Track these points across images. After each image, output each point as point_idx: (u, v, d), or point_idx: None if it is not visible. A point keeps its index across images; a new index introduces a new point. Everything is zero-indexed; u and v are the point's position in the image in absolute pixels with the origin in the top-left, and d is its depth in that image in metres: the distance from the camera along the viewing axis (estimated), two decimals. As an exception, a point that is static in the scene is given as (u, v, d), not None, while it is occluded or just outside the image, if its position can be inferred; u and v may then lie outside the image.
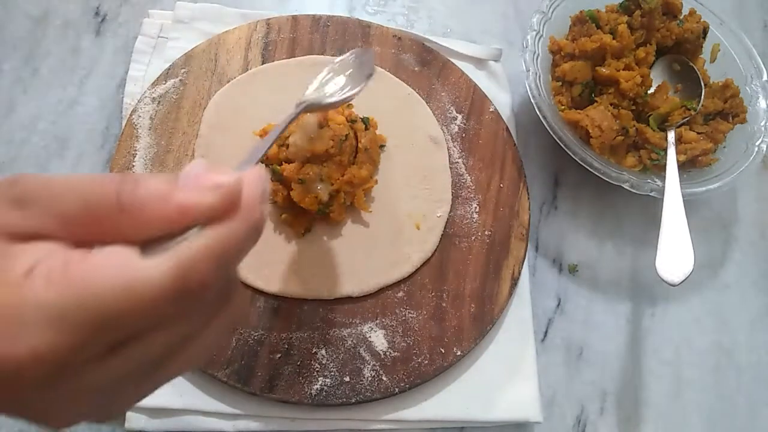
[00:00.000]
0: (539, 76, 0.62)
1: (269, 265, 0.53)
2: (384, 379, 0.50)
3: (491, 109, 0.64)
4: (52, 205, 0.24)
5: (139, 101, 0.57)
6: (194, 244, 0.24)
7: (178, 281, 0.23)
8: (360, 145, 0.55)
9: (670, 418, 0.58)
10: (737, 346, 0.63)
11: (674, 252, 0.53)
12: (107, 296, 0.22)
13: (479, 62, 0.69)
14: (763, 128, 0.64)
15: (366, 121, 0.57)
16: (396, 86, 0.63)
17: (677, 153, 0.61)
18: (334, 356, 0.51)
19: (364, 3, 0.71)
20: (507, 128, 0.63)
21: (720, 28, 0.69)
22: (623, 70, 0.63)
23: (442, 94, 0.64)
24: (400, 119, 0.61)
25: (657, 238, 0.54)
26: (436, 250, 0.56)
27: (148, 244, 0.24)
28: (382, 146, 0.59)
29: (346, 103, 0.47)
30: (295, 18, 0.64)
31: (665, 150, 0.61)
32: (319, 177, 0.52)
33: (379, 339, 0.52)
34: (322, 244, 0.55)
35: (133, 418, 0.48)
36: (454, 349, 0.53)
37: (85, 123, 0.59)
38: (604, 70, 0.63)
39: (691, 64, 0.66)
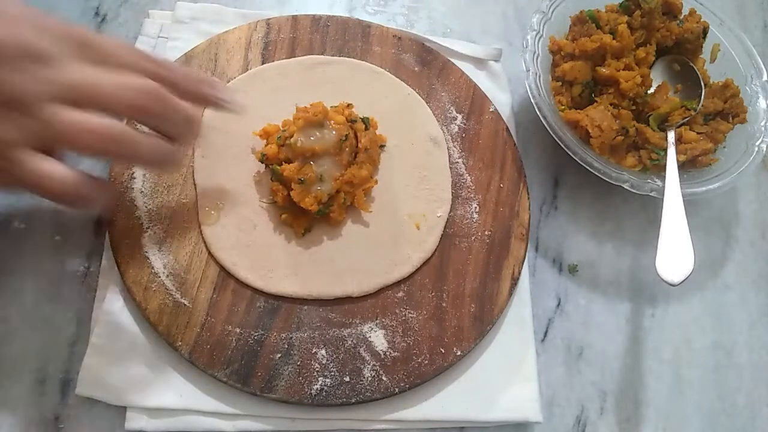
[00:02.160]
0: (539, 76, 0.62)
1: (269, 265, 0.53)
2: (384, 379, 0.50)
3: (491, 109, 0.64)
4: None
5: (139, 101, 0.57)
6: None
7: None
8: (360, 145, 0.55)
9: (670, 418, 0.58)
10: (737, 346, 0.63)
11: (674, 252, 0.53)
12: None
13: (479, 62, 0.69)
14: (763, 128, 0.64)
15: (366, 122, 0.57)
16: (396, 86, 0.63)
17: (677, 153, 0.61)
18: (334, 356, 0.51)
19: (364, 3, 0.71)
20: (507, 128, 0.63)
21: (720, 28, 0.69)
22: (623, 70, 0.63)
23: (442, 94, 0.64)
24: (400, 119, 0.61)
25: (657, 238, 0.54)
26: (436, 250, 0.56)
27: None
28: (382, 146, 0.59)
29: None
30: (295, 18, 0.64)
31: (665, 150, 0.61)
32: (319, 177, 0.52)
33: (379, 339, 0.52)
34: (322, 244, 0.55)
35: (133, 418, 0.48)
36: (454, 349, 0.53)
37: (85, 123, 0.59)
38: (604, 70, 0.63)
39: (691, 64, 0.67)
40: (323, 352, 0.51)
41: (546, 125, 0.60)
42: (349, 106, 0.57)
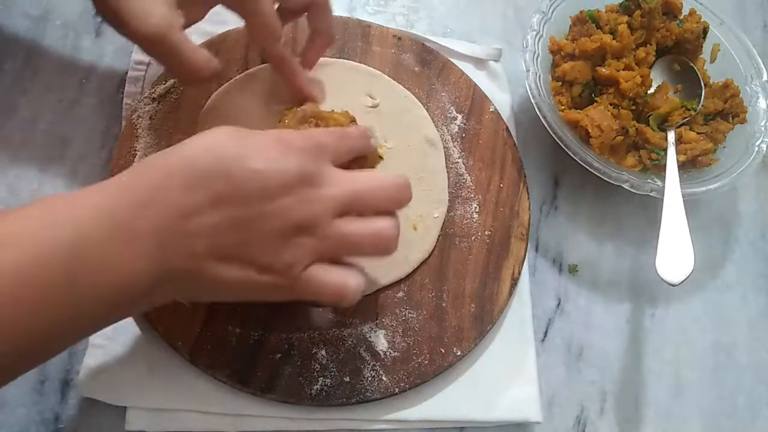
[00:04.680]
0: (539, 76, 0.62)
1: (269, 265, 0.52)
2: (384, 379, 0.50)
3: (491, 109, 0.64)
4: None
5: (139, 101, 0.57)
6: None
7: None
8: None
9: (670, 418, 0.58)
10: (737, 346, 0.63)
11: (674, 252, 0.53)
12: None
13: (479, 62, 0.68)
14: (763, 128, 0.64)
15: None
16: (393, 89, 0.63)
17: (677, 153, 0.61)
18: (334, 356, 0.51)
19: (364, 3, 0.71)
20: (507, 128, 0.63)
21: (720, 28, 0.69)
22: (623, 70, 0.63)
23: (442, 94, 0.64)
24: (397, 122, 0.61)
25: (657, 238, 0.54)
26: (434, 251, 0.56)
27: None
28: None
29: None
30: (295, 18, 0.64)
31: (665, 150, 0.61)
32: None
33: (379, 339, 0.52)
34: (322, 244, 0.54)
35: (133, 418, 0.48)
36: (454, 349, 0.53)
37: (85, 123, 0.59)
38: (604, 70, 0.63)
39: (691, 64, 0.66)
40: (323, 352, 0.51)
41: (546, 125, 0.60)
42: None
